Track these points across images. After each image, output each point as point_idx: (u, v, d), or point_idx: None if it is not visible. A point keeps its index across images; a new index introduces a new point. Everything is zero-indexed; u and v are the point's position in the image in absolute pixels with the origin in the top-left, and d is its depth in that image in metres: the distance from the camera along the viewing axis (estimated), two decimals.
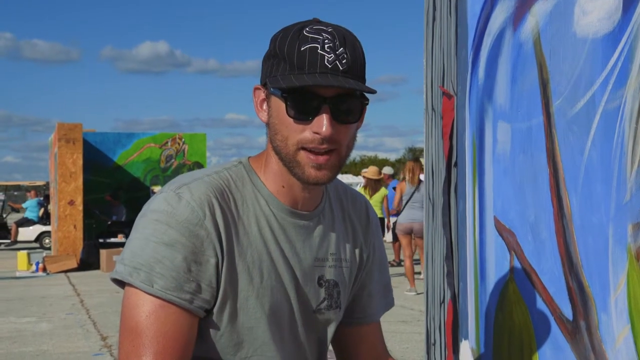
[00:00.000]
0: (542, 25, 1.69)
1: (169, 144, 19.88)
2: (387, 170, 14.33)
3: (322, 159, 1.55)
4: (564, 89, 1.59)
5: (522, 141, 1.80)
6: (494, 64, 1.96)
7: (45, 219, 23.41)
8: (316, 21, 1.59)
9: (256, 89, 1.65)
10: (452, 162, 2.38)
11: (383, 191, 13.73)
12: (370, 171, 13.88)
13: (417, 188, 10.83)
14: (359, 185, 13.95)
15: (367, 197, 12.97)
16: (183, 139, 20.02)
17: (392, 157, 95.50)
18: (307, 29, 1.54)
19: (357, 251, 1.82)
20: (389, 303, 1.92)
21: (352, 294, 1.84)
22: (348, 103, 1.55)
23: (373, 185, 13.76)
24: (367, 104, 1.59)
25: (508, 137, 1.87)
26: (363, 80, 1.58)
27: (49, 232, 22.31)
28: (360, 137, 1.67)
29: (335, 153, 1.57)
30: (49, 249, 20.62)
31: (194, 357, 1.59)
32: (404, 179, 11.34)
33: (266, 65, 1.61)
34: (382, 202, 13.59)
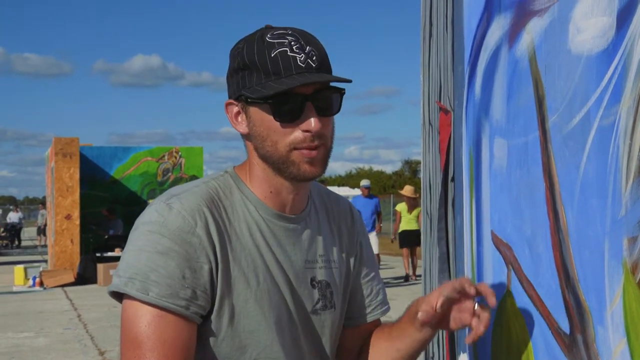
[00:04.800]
0: (537, 42, 1.71)
1: (166, 157, 19.90)
2: (365, 183, 15.36)
3: (314, 153, 1.61)
4: (559, 105, 1.61)
5: (519, 156, 1.81)
6: (490, 79, 1.98)
7: None
8: (270, 27, 1.64)
9: (228, 104, 1.69)
10: (448, 177, 2.39)
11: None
12: (407, 190, 15.75)
13: None
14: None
15: (406, 213, 14.40)
16: (180, 153, 20.05)
17: (388, 169, 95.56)
18: (268, 35, 1.60)
19: (344, 252, 1.85)
20: (384, 303, 1.95)
21: (349, 294, 1.87)
22: (328, 96, 1.62)
23: (411, 202, 15.65)
24: (344, 93, 1.65)
25: (504, 152, 1.89)
26: (332, 72, 1.66)
27: None
28: (355, 149, 1.75)
29: (323, 147, 1.63)
30: None
31: None
32: None
33: (235, 79, 1.64)
34: (418, 217, 15.41)
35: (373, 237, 15.19)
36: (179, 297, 1.54)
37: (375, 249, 15.53)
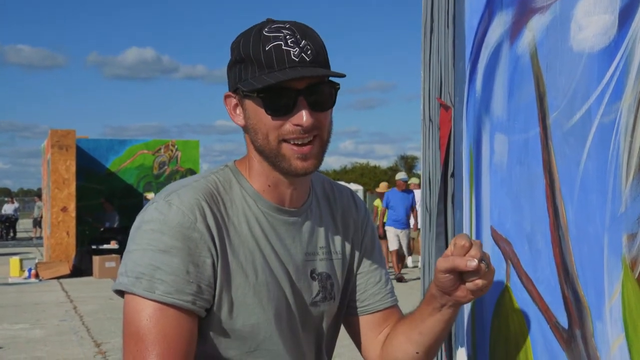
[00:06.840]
0: (538, 40, 1.72)
1: (162, 150, 19.86)
2: (401, 176, 16.10)
3: (306, 149, 1.61)
4: (560, 102, 1.62)
5: (519, 152, 1.83)
6: (491, 76, 1.99)
7: None
8: (271, 21, 1.64)
9: (227, 96, 1.70)
10: (448, 173, 2.41)
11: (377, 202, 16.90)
12: (382, 187, 16.98)
13: None
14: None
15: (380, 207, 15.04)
16: (176, 146, 20.01)
17: (384, 164, 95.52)
18: (265, 29, 1.60)
19: (349, 242, 1.86)
20: (393, 293, 1.94)
21: (358, 282, 1.87)
22: (321, 91, 1.62)
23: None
24: (339, 88, 1.65)
25: (505, 149, 1.90)
26: (329, 67, 1.65)
27: None
28: (350, 144, 1.75)
29: (318, 140, 1.63)
30: None
31: (197, 357, 1.62)
32: None
33: (232, 72, 1.66)
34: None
35: (404, 236, 15.01)
36: (185, 292, 1.56)
37: (404, 245, 15.21)
